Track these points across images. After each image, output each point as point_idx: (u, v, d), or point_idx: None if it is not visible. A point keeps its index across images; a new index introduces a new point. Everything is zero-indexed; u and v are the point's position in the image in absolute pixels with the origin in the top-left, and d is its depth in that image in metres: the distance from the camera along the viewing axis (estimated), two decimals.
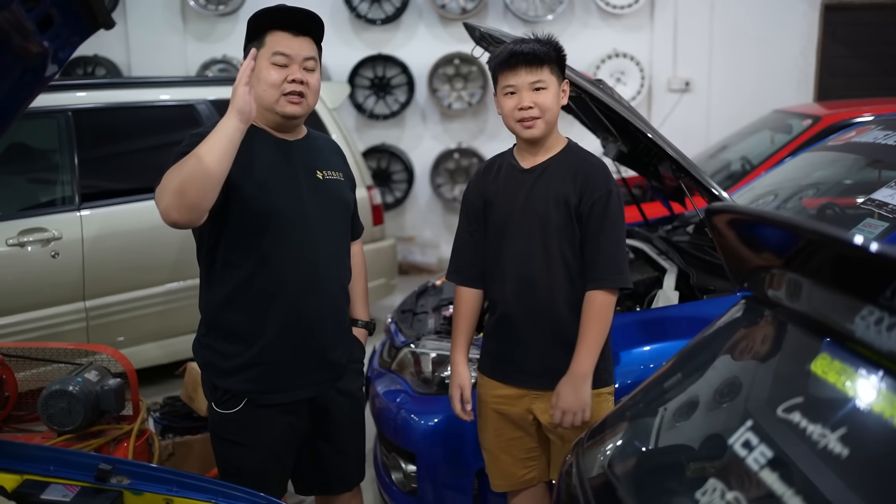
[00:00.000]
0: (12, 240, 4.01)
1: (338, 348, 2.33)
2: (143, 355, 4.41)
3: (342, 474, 2.46)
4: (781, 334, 1.33)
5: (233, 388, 2.22)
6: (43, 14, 1.37)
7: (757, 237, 1.33)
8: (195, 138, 2.08)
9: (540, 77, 2.26)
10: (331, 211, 2.30)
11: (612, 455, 1.47)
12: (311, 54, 2.20)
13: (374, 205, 5.27)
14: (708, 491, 1.15)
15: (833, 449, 1.06)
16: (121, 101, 4.61)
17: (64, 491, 1.74)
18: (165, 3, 7.58)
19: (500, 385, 2.42)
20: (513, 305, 2.36)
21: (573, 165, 2.33)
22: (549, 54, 2.27)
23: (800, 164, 4.09)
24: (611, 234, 2.28)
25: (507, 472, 2.47)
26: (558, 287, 2.31)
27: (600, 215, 2.27)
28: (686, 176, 2.88)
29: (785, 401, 1.16)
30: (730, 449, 1.19)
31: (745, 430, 1.18)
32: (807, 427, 1.10)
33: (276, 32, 2.17)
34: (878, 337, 1.05)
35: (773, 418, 1.16)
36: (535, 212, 2.32)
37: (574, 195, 2.28)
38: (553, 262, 2.30)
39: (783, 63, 7.51)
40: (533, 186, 2.33)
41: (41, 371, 3.14)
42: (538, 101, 2.27)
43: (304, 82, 2.17)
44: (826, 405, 1.13)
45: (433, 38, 7.55)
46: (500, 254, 2.38)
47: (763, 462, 1.12)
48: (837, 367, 1.13)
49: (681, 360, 1.59)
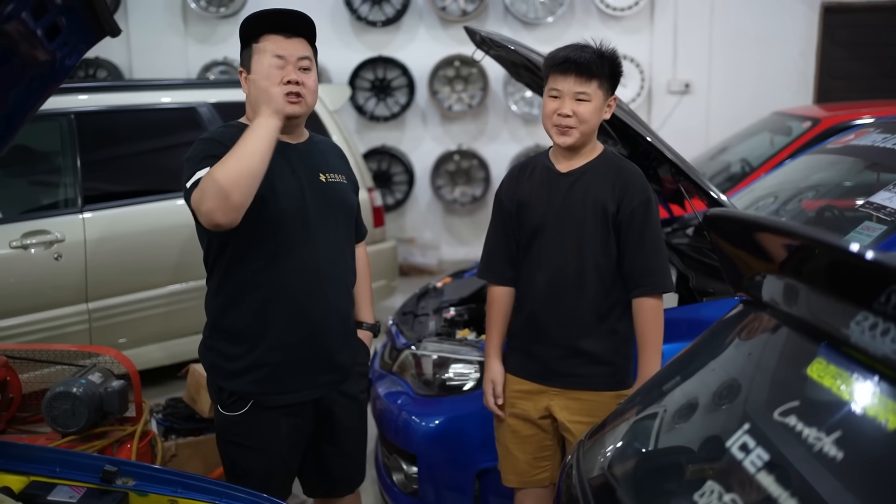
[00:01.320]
0: (15, 242, 4.03)
1: (342, 350, 2.35)
2: (145, 357, 4.42)
3: (346, 476, 2.48)
4: (778, 338, 1.34)
5: (238, 391, 2.24)
6: (51, 22, 1.39)
7: (753, 243, 1.35)
8: (209, 144, 2.11)
9: (586, 89, 2.29)
10: (334, 214, 2.31)
11: (611, 456, 1.49)
12: (306, 54, 2.22)
13: (375, 206, 5.28)
14: (706, 493, 1.17)
15: (828, 452, 1.08)
16: (123, 103, 4.63)
17: (70, 492, 1.76)
18: (166, 5, 7.61)
19: (521, 381, 2.46)
20: (541, 306, 2.40)
21: (611, 172, 2.36)
22: (601, 69, 2.29)
23: (799, 167, 4.11)
24: (654, 241, 2.34)
25: (520, 469, 2.50)
26: (589, 290, 2.35)
27: (641, 223, 2.32)
28: (685, 179, 2.90)
29: (781, 404, 1.18)
30: (727, 451, 1.21)
31: (742, 433, 1.20)
32: (803, 430, 1.12)
33: (268, 35, 2.18)
34: (872, 342, 1.06)
35: (769, 421, 1.18)
36: (571, 215, 2.35)
37: (612, 202, 2.32)
38: (585, 266, 2.34)
39: (783, 65, 7.54)
40: (569, 190, 2.37)
41: (45, 373, 3.15)
42: (578, 111, 2.29)
43: (300, 83, 2.18)
44: (822, 409, 1.15)
45: (433, 40, 7.57)
46: (533, 255, 2.42)
47: (760, 465, 1.14)
48: (833, 372, 1.14)
49: (679, 363, 1.61)
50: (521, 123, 7.68)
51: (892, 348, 1.03)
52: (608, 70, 2.31)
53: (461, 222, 7.98)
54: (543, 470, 2.49)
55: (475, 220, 7.93)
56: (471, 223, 7.96)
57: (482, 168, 7.63)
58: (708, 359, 1.51)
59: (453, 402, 2.87)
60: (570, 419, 2.38)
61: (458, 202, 7.75)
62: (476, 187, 7.71)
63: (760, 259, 1.34)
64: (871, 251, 1.07)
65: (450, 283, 3.84)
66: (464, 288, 3.69)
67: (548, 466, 2.49)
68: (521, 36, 7.30)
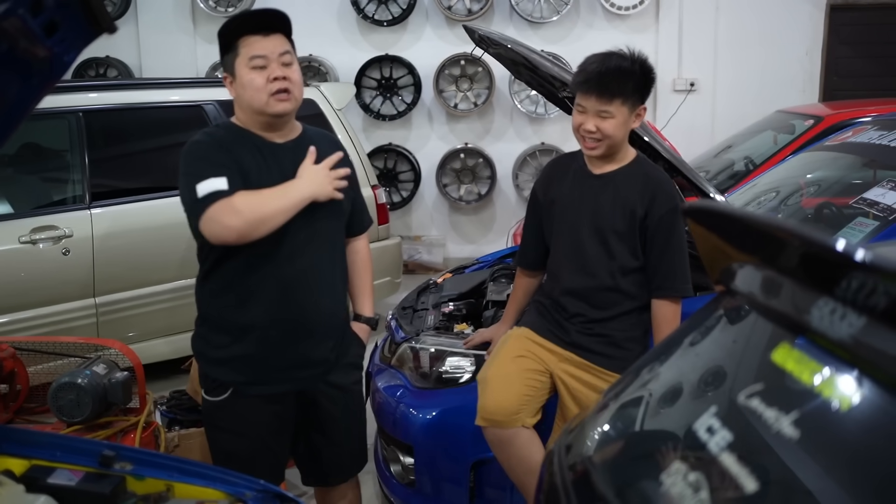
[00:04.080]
0: (24, 237, 4.11)
1: (321, 346, 2.38)
2: (151, 351, 4.49)
3: (338, 465, 2.53)
4: (748, 326, 1.39)
5: (220, 378, 2.32)
6: (48, 20, 1.44)
7: (725, 233, 1.39)
8: (200, 164, 2.19)
9: (608, 108, 2.36)
10: (321, 211, 2.31)
11: (589, 443, 1.53)
12: (285, 48, 2.26)
13: (379, 204, 5.32)
14: (672, 473, 1.22)
15: (787, 433, 1.12)
16: (130, 101, 4.70)
17: (69, 475, 1.80)
18: (176, 5, 7.68)
19: (534, 334, 2.58)
20: (567, 297, 2.51)
21: (642, 179, 2.45)
22: (622, 87, 2.34)
23: (797, 164, 4.14)
24: (678, 248, 2.43)
25: (501, 401, 2.50)
26: (612, 286, 2.46)
27: (668, 230, 2.40)
28: (679, 175, 2.94)
29: (746, 388, 1.22)
30: (694, 434, 1.25)
31: (708, 416, 1.25)
32: (764, 412, 1.16)
33: (246, 37, 2.24)
34: (830, 327, 1.10)
35: (734, 405, 1.23)
36: (601, 217, 2.46)
37: (641, 207, 2.41)
38: (612, 265, 2.45)
39: (788, 64, 7.55)
40: (601, 193, 2.47)
41: (52, 365, 3.22)
42: (601, 127, 2.38)
43: (286, 78, 2.23)
44: (783, 392, 1.20)
45: (439, 39, 7.62)
46: (561, 251, 2.54)
47: (723, 445, 1.19)
48: (796, 356, 1.19)
49: (656, 353, 1.65)
50: (526, 122, 7.71)
51: (848, 333, 1.07)
52: (632, 86, 2.36)
53: (467, 220, 8.02)
54: (523, 411, 2.50)
55: (481, 217, 7.98)
56: (476, 221, 8.01)
57: (488, 166, 7.67)
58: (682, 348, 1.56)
59: (449, 395, 2.92)
60: (571, 374, 2.49)
61: (464, 200, 7.80)
62: (482, 185, 7.75)
63: (731, 249, 1.39)
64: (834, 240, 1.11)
65: (450, 279, 3.89)
66: (463, 283, 3.74)
67: (526, 409, 2.51)
68: (527, 35, 7.34)
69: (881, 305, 1.00)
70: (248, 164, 2.25)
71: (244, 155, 2.26)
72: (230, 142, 2.27)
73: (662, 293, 2.44)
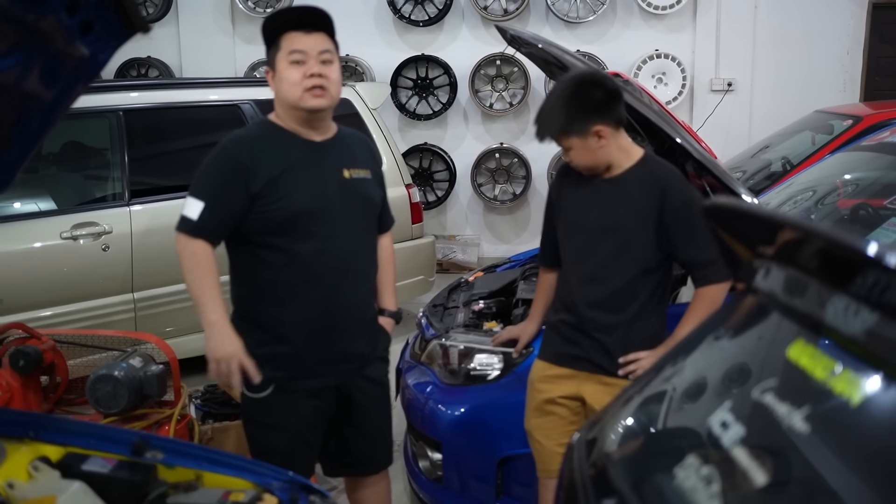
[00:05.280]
0: (66, 233, 4.21)
1: (360, 340, 2.43)
2: (187, 346, 4.55)
3: (367, 457, 2.56)
4: (767, 322, 1.39)
5: (261, 374, 2.34)
6: (84, 20, 1.49)
7: (745, 231, 1.40)
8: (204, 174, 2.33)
9: (565, 144, 2.42)
10: (356, 209, 2.39)
11: (607, 439, 1.55)
12: (326, 47, 2.30)
13: (413, 203, 5.35)
14: (686, 467, 1.23)
15: (799, 427, 1.12)
16: (169, 101, 4.79)
17: (103, 463, 1.86)
18: (215, 6, 7.80)
19: (550, 366, 2.56)
20: (580, 303, 2.49)
21: (650, 178, 2.45)
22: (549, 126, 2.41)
23: (833, 164, 4.09)
24: (704, 235, 2.40)
25: (546, 457, 2.56)
26: (625, 291, 2.44)
27: (687, 221, 2.40)
28: (709, 175, 2.92)
29: (760, 383, 1.23)
30: (708, 429, 1.26)
31: (722, 412, 1.25)
32: (778, 407, 1.17)
33: (289, 33, 2.28)
34: (844, 323, 1.11)
35: (748, 400, 1.24)
36: (611, 220, 2.46)
37: (653, 207, 2.41)
38: (624, 268, 2.44)
39: (829, 63, 7.45)
40: (610, 196, 2.47)
41: (90, 358, 3.30)
42: (571, 157, 2.45)
43: (323, 75, 2.27)
44: (797, 388, 1.20)
45: (475, 39, 7.64)
46: (571, 256, 2.54)
47: (736, 439, 1.19)
48: (810, 352, 1.19)
49: (677, 350, 1.66)
50: None
51: (861, 329, 1.08)
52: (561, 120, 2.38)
53: (501, 220, 8.03)
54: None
55: (515, 217, 7.98)
56: (511, 221, 8.01)
57: (523, 166, 7.67)
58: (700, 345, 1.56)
59: (478, 392, 2.94)
60: (595, 391, 2.47)
61: (499, 200, 7.80)
62: (516, 185, 7.76)
63: (752, 246, 1.39)
64: (848, 237, 1.11)
65: (481, 277, 3.91)
66: (494, 282, 3.75)
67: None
68: (563, 35, 7.33)
69: (894, 301, 1.01)
70: (287, 160, 2.29)
71: (283, 151, 2.30)
72: (269, 140, 2.32)
73: (706, 281, 2.43)
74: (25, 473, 1.77)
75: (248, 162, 2.26)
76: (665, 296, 2.54)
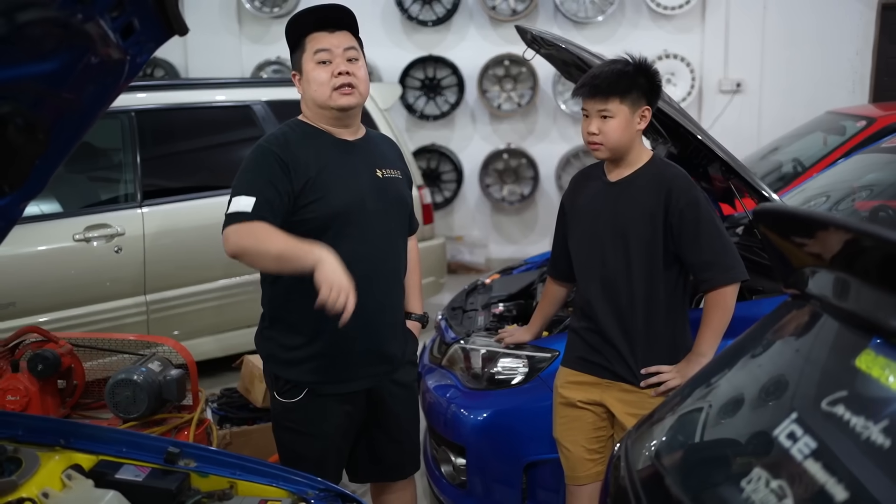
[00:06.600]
0: (78, 235, 4.18)
1: (393, 341, 2.41)
2: (199, 348, 4.53)
3: (397, 462, 2.54)
4: (826, 332, 1.36)
5: (294, 379, 2.31)
6: (126, 22, 1.46)
7: (803, 237, 1.37)
8: (246, 175, 2.21)
9: (605, 106, 2.36)
10: (390, 209, 2.37)
11: (659, 446, 1.52)
12: (351, 45, 2.28)
13: (424, 204, 5.34)
14: (753, 479, 1.20)
15: (875, 440, 1.09)
16: (182, 102, 4.76)
17: (136, 471, 1.83)
18: (222, 5, 7.77)
19: (574, 372, 2.54)
20: (597, 311, 2.47)
21: (656, 180, 2.42)
22: (617, 86, 2.34)
23: (852, 167, 4.06)
24: (709, 236, 2.37)
25: (574, 463, 2.53)
26: (640, 296, 2.41)
27: (693, 221, 2.36)
28: (736, 177, 2.90)
29: (829, 395, 1.20)
30: (775, 440, 1.23)
31: (789, 423, 1.22)
32: (850, 419, 1.14)
33: (313, 34, 2.26)
34: None
35: (817, 411, 1.20)
36: (620, 224, 2.43)
37: (659, 209, 2.38)
38: (635, 272, 2.41)
39: (838, 64, 7.42)
40: (618, 200, 2.44)
41: (106, 361, 3.27)
42: (603, 129, 2.38)
43: (350, 73, 2.25)
44: (869, 399, 1.17)
45: (483, 39, 7.61)
46: (584, 262, 2.52)
47: (807, 453, 1.16)
48: (882, 363, 1.16)
49: (726, 356, 1.63)
50: (570, 122, 7.68)
51: None
52: (626, 83, 2.35)
53: (509, 221, 8.00)
54: (597, 463, 2.51)
55: (523, 218, 7.96)
56: (519, 222, 7.99)
57: (531, 167, 7.65)
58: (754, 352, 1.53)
59: (501, 396, 2.91)
60: (625, 412, 2.42)
61: (507, 201, 7.78)
62: (524, 186, 7.73)
63: (809, 253, 1.36)
64: None
65: (498, 280, 3.88)
66: (512, 284, 3.73)
67: (601, 459, 2.52)
68: (571, 35, 7.30)
69: None
70: (323, 159, 2.26)
71: (318, 150, 2.27)
72: (303, 140, 2.29)
73: (705, 286, 2.39)
74: (59, 482, 1.75)
75: (289, 160, 2.22)
76: (684, 300, 2.50)
